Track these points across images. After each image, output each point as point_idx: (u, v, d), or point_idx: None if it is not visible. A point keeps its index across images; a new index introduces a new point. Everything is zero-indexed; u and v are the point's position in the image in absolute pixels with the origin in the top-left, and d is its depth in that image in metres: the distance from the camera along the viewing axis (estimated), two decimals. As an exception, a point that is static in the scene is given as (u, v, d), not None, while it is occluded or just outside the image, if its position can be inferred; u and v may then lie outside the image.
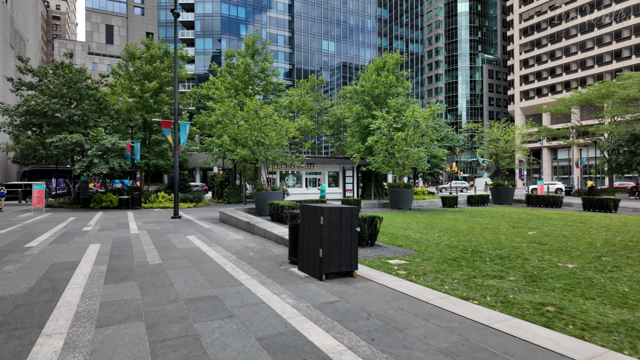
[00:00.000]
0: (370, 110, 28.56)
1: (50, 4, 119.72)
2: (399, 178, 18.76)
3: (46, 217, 16.60)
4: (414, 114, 17.25)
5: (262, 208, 15.40)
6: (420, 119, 17.30)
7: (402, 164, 17.98)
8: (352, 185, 29.02)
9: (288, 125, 15.76)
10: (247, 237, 10.41)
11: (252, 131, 14.97)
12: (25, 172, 37.13)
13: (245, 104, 22.89)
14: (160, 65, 24.27)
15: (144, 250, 8.43)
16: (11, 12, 53.56)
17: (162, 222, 14.48)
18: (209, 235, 10.85)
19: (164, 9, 64.58)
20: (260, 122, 15.16)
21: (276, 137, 15.26)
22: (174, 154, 16.24)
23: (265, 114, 15.25)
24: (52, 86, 22.90)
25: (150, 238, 10.35)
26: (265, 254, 7.93)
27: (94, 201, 22.38)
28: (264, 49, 26.16)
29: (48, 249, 8.67)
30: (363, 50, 73.91)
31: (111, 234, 11.25)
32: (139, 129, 24.53)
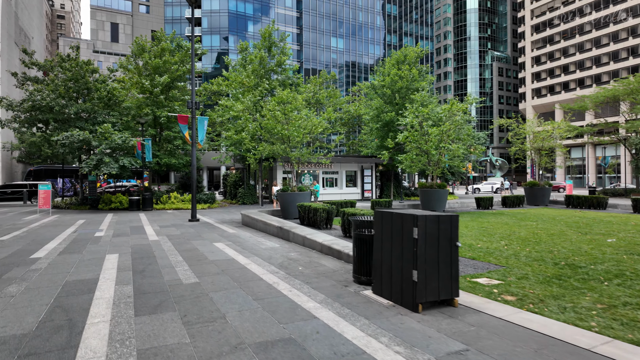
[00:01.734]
0: (392, 106, 27.21)
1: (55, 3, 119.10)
2: (432, 177, 17.38)
3: (53, 220, 15.37)
4: (452, 107, 15.87)
5: (288, 210, 14.09)
6: (460, 112, 15.92)
7: (437, 162, 16.61)
8: (371, 185, 27.68)
9: (315, 120, 14.42)
10: (284, 245, 9.11)
11: (284, 125, 13.65)
12: (31, 171, 36.09)
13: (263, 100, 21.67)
14: (172, 58, 23.02)
15: (171, 263, 7.14)
16: (15, 9, 52.60)
17: (180, 226, 13.21)
18: (239, 243, 9.55)
19: (170, 6, 63.45)
20: (287, 116, 13.85)
21: (305, 133, 13.95)
22: (191, 152, 14.97)
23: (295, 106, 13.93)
24: (58, 80, 21.69)
25: (174, 246, 9.06)
26: (318, 269, 6.62)
27: (103, 202, 21.18)
28: (282, 41, 24.83)
29: (58, 261, 7.40)
30: (372, 47, 72.48)
31: (127, 240, 9.97)
32: (150, 126, 23.29)
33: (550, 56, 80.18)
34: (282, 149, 14.19)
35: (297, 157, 14.41)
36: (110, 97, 22.77)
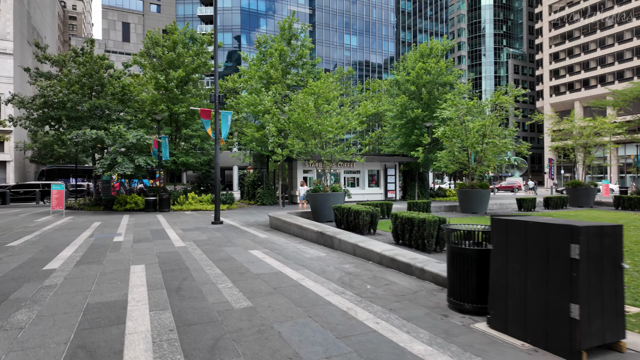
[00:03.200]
0: (417, 102, 25.86)
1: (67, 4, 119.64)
2: (472, 177, 16.04)
3: (67, 222, 14.37)
4: (498, 99, 14.52)
5: (320, 212, 12.88)
6: (506, 104, 14.57)
7: (479, 159, 15.28)
8: (395, 185, 26.35)
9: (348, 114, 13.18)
10: (330, 255, 7.90)
11: (316, 119, 12.45)
12: (43, 171, 35.49)
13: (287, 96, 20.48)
14: (185, 52, 21.98)
15: (209, 277, 5.97)
16: (28, 8, 52.28)
17: (204, 229, 12.08)
18: (277, 250, 8.36)
19: (182, 4, 62.75)
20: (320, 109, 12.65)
21: (338, 127, 12.72)
22: (210, 149, 13.82)
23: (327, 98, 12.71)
24: (72, 76, 20.77)
25: (205, 254, 7.90)
26: (391, 288, 5.39)
27: (118, 203, 20.20)
28: (302, 32, 23.64)
29: (76, 273, 6.27)
30: (386, 45, 71.03)
31: (151, 247, 8.85)
32: (165, 123, 22.28)
33: (570, 52, 77.84)
34: (314, 144, 12.98)
35: (330, 154, 13.19)
36: (125, 92, 21.81)
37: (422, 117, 25.18)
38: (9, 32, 43.94)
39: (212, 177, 24.91)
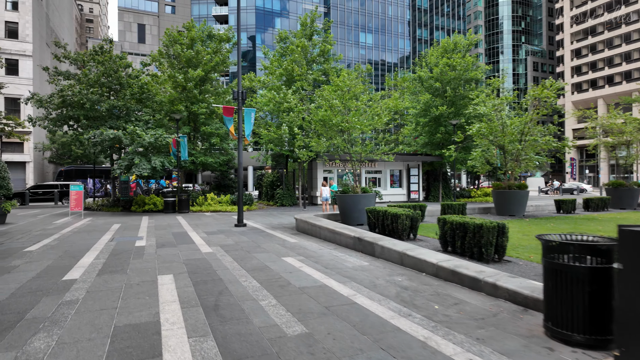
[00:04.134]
0: (442, 99, 24.87)
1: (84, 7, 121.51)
2: (511, 177, 15.04)
3: (86, 224, 13.91)
4: (542, 92, 13.51)
5: (349, 215, 12.10)
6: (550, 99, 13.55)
7: (516, 158, 14.29)
8: (418, 186, 25.40)
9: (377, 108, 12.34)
10: (374, 264, 7.12)
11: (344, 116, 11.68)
12: (61, 172, 35.53)
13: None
14: (204, 50, 21.46)
15: (247, 291, 5.25)
16: (47, 10, 52.80)
17: (228, 233, 11.42)
18: (313, 258, 7.62)
19: (196, 4, 62.72)
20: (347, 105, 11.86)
21: (367, 124, 11.93)
22: (229, 149, 13.18)
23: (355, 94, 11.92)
24: (91, 75, 20.44)
25: (236, 262, 7.21)
26: (464, 309, 4.58)
27: (136, 204, 19.79)
28: (324, 28, 22.90)
29: (99, 285, 5.63)
30: (402, 42, 69.81)
31: (177, 253, 8.20)
32: (184, 123, 21.81)
33: (593, 48, 75.34)
34: (341, 142, 12.20)
35: (359, 152, 12.39)
36: (143, 91, 21.41)
37: (447, 114, 24.19)
38: (28, 34, 44.32)
39: (230, 178, 24.36)
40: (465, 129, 19.40)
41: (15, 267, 6.89)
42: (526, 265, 6.66)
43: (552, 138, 14.36)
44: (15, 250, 8.63)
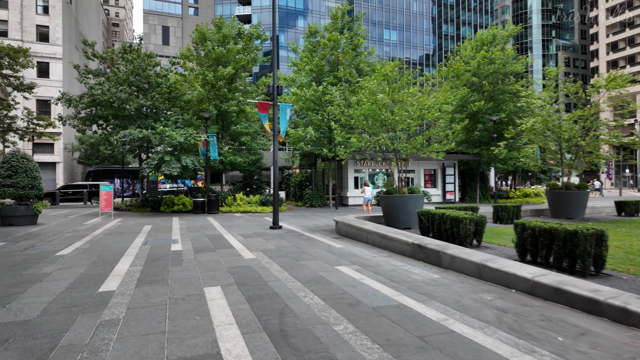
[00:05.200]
0: (479, 94, 23.52)
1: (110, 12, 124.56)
2: (567, 177, 13.73)
3: (117, 226, 13.45)
4: (610, 83, 12.20)
5: (395, 217, 11.14)
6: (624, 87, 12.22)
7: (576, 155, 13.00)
8: (454, 186, 24.11)
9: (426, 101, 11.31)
10: (447, 276, 6.17)
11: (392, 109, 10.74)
12: (90, 172, 35.87)
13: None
14: (235, 47, 20.87)
15: (313, 311, 4.40)
16: (76, 14, 53.87)
17: (266, 236, 10.66)
18: (371, 267, 6.73)
19: (220, 5, 62.87)
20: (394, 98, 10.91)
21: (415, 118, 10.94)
22: (273, 145, 12.47)
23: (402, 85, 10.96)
24: (120, 74, 20.19)
25: (286, 271, 6.39)
26: (598, 342, 3.59)
27: (165, 204, 19.37)
28: (357, 21, 21.97)
29: (139, 300, 4.90)
30: (427, 39, 68.02)
31: (217, 259, 7.46)
32: (213, 122, 21.29)
33: (631, 41, 71.44)
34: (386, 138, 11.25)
35: (405, 149, 11.41)
36: (171, 90, 21.02)
37: (485, 110, 22.83)
38: (58, 37, 45.16)
39: (257, 178, 23.73)
40: (515, 124, 18.05)
41: (47, 274, 6.28)
42: (634, 281, 5.56)
43: (621, 133, 12.97)
44: (47, 254, 8.10)
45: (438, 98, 11.94)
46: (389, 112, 10.79)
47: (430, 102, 11.29)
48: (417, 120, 10.99)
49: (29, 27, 43.65)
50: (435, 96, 11.80)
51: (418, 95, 11.30)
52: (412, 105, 11.10)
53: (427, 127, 16.28)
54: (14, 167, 13.20)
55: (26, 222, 13.45)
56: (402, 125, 11.38)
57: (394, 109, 10.84)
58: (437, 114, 11.62)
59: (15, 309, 4.54)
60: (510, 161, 23.02)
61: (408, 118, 10.64)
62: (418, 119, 11.03)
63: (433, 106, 11.54)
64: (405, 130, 11.51)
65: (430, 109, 11.34)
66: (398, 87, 11.01)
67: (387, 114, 10.70)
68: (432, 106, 11.51)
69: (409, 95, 11.04)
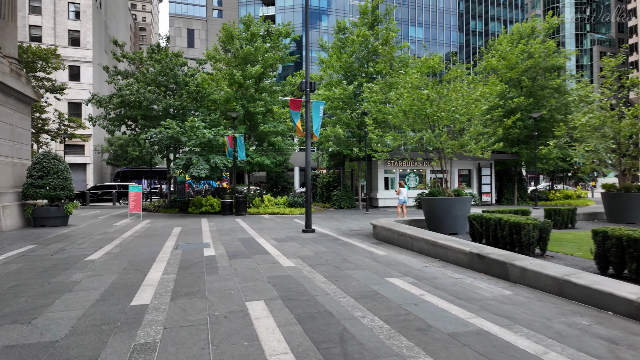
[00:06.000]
0: (517, 90, 22.24)
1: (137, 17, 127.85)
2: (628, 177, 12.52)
3: (146, 228, 13.16)
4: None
5: (439, 221, 10.30)
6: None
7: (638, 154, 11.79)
8: (490, 187, 22.88)
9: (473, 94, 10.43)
10: (520, 292, 5.36)
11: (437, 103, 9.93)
12: (118, 172, 36.40)
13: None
14: (263, 45, 20.46)
15: (380, 339, 3.71)
16: (105, 19, 55.13)
17: (300, 240, 10.04)
18: (426, 280, 5.98)
19: (244, 6, 63.11)
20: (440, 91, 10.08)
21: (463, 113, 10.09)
22: (305, 143, 11.85)
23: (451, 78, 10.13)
24: (149, 74, 20.13)
25: (333, 283, 5.72)
26: None
27: (193, 205, 19.12)
28: (387, 15, 21.15)
29: (176, 318, 4.34)
30: (454, 35, 66.13)
31: (254, 266, 6.88)
32: (240, 122, 20.95)
33: (674, 33, 67.19)
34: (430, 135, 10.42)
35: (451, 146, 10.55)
36: (199, 90, 20.81)
37: (525, 106, 21.52)
38: (88, 42, 46.22)
39: (284, 178, 23.24)
40: (557, 121, 16.82)
41: (77, 282, 5.85)
42: None
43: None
44: (77, 259, 7.74)
45: (484, 91, 11.02)
46: (434, 107, 9.98)
47: (477, 95, 10.40)
48: (464, 116, 10.13)
49: (61, 32, 44.87)
50: (482, 89, 10.88)
51: (464, 88, 10.42)
52: (457, 99, 10.23)
53: (475, 123, 15.21)
54: (46, 168, 13.12)
55: (57, 224, 13.35)
56: (446, 122, 10.55)
57: (440, 104, 10.02)
58: (484, 107, 10.72)
59: (41, 325, 4.06)
60: (551, 161, 21.63)
61: (456, 113, 9.80)
62: (464, 114, 10.16)
63: (479, 99, 10.64)
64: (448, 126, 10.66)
65: (477, 103, 10.45)
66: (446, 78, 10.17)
67: (432, 108, 9.89)
68: (479, 99, 10.62)
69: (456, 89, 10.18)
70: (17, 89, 13.23)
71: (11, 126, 13.22)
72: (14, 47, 14.37)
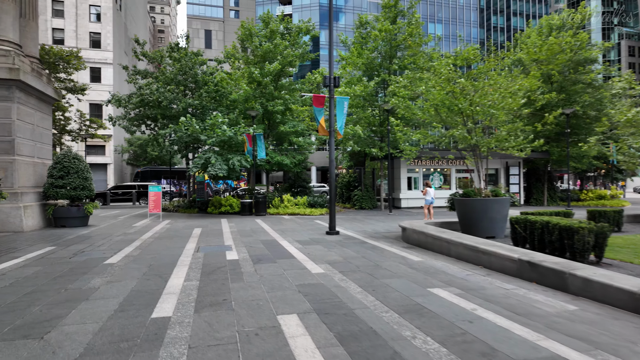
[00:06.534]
0: (547, 85, 21.18)
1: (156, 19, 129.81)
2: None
3: (166, 228, 12.88)
4: None
5: (475, 224, 9.61)
6: None
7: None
8: (519, 187, 21.89)
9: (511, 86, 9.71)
10: (587, 308, 4.70)
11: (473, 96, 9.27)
12: (138, 173, 36.70)
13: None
14: (282, 42, 20.05)
15: (439, 367, 3.15)
16: (125, 21, 55.86)
17: (325, 243, 9.52)
18: (475, 292, 5.37)
19: (260, 5, 63.04)
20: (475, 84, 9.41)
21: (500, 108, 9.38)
22: (328, 141, 11.32)
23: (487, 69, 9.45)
24: (168, 73, 19.98)
25: (370, 294, 5.18)
26: None
27: (212, 205, 18.85)
28: (410, 8, 20.44)
29: (202, 335, 3.87)
30: (475, 31, 64.50)
31: (281, 273, 6.39)
32: (259, 121, 20.59)
33: None
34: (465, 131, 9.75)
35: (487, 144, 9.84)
36: (218, 89, 20.55)
37: (556, 102, 20.45)
38: (109, 43, 46.83)
39: (303, 178, 22.75)
40: (589, 117, 15.80)
41: (95, 290, 5.47)
42: None
43: None
44: (96, 262, 7.41)
45: (523, 84, 10.27)
46: (467, 101, 9.31)
47: (515, 88, 9.68)
48: (501, 111, 9.41)
49: (83, 34, 45.58)
50: (520, 83, 10.13)
51: (501, 81, 9.70)
52: (493, 93, 9.53)
53: (513, 118, 14.36)
54: (66, 167, 12.98)
55: (78, 224, 13.20)
56: (481, 117, 9.86)
57: (475, 97, 9.34)
58: (522, 102, 9.99)
59: (54, 342, 3.65)
60: (584, 159, 20.50)
61: (493, 108, 9.10)
62: (501, 109, 9.44)
63: (517, 93, 9.91)
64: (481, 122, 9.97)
65: (514, 96, 9.72)
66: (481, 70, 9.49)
67: (466, 102, 9.23)
68: (516, 93, 9.89)
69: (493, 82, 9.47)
70: (38, 88, 13.14)
71: (32, 125, 13.14)
72: (35, 46, 14.32)
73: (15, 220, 11.77)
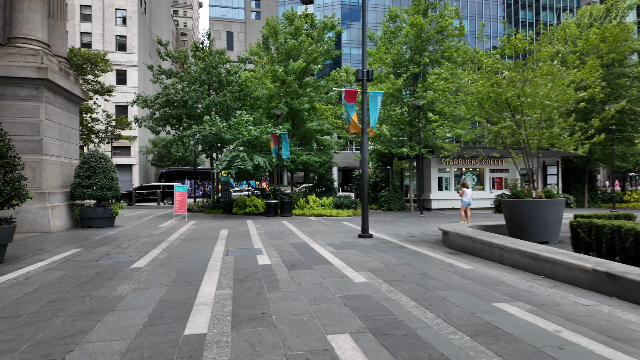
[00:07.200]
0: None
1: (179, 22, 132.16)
2: None
3: (192, 230, 12.54)
4: None
5: (526, 228, 8.77)
6: None
7: None
8: (557, 187, 20.62)
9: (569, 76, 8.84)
10: (698, 331, 3.88)
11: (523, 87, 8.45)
12: (162, 173, 36.98)
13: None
14: (307, 39, 19.57)
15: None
16: (150, 24, 56.75)
17: (360, 247, 8.89)
18: (549, 307, 4.63)
19: (282, 6, 62.92)
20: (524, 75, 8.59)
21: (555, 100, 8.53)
22: (361, 139, 10.68)
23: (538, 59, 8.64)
24: (192, 73, 19.82)
25: (428, 310, 4.52)
26: None
27: (237, 206, 18.51)
28: (442, 0, 19.57)
29: (243, 358, 3.31)
30: (502, 27, 62.37)
31: (320, 281, 5.80)
32: (284, 120, 20.15)
33: None
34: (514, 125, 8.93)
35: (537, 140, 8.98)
36: (242, 88, 20.23)
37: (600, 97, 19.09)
38: (134, 46, 47.59)
39: (328, 178, 22.16)
40: (636, 113, 14.53)
41: (121, 298, 5.02)
42: None
43: None
44: (122, 266, 7.02)
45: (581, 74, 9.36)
46: (516, 92, 8.49)
47: (572, 78, 8.80)
48: (555, 102, 8.55)
49: (109, 37, 46.48)
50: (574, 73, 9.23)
51: (555, 71, 8.83)
52: (546, 84, 8.67)
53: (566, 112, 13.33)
54: (93, 167, 12.82)
55: (104, 224, 13.03)
56: (530, 112, 9.02)
57: (525, 88, 8.52)
58: (582, 94, 9.09)
59: (77, 364, 3.17)
60: (631, 158, 19.10)
61: (547, 100, 8.26)
62: (557, 101, 8.58)
63: (570, 85, 9.02)
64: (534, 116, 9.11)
65: (570, 88, 8.83)
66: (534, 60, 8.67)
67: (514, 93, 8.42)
68: (570, 84, 9.00)
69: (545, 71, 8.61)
70: (66, 88, 13.04)
71: (60, 125, 13.06)
72: (63, 46, 14.28)
73: (43, 220, 11.66)
